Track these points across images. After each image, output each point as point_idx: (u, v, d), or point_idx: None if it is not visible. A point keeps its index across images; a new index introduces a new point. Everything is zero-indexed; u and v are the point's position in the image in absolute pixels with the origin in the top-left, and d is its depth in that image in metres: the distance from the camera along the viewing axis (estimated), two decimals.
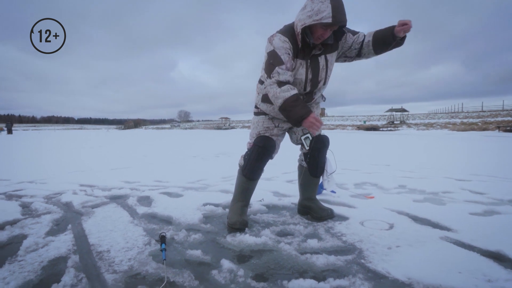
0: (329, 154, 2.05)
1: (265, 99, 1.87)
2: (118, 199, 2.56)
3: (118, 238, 1.67)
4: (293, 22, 1.71)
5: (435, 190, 2.83)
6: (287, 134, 2.06)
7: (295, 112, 1.61)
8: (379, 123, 35.77)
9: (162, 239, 1.55)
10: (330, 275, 1.28)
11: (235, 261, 1.41)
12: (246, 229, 1.80)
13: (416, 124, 30.36)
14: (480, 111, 40.17)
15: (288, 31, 1.71)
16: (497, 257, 1.41)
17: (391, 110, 37.46)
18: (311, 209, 2.04)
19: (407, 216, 2.03)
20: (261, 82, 1.91)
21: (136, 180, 3.49)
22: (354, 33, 1.83)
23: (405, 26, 1.59)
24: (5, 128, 28.53)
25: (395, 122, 35.68)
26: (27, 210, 2.24)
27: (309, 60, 1.74)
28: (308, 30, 1.66)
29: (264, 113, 1.93)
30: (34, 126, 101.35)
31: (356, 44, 1.82)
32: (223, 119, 61.05)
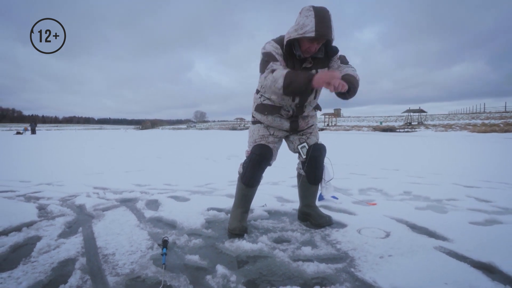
0: (326, 162, 2.10)
1: (258, 108, 1.96)
2: (128, 202, 2.69)
3: (124, 242, 1.77)
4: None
5: (440, 197, 2.82)
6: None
7: (300, 77, 1.57)
8: (396, 124, 35.12)
9: (164, 244, 1.64)
10: (318, 283, 1.33)
11: (230, 267, 1.48)
12: (245, 235, 1.87)
13: (434, 125, 29.62)
14: (503, 112, 38.75)
15: (280, 41, 1.79)
16: (488, 269, 1.42)
17: (409, 110, 36.75)
18: (310, 216, 2.09)
19: (405, 224, 2.05)
20: (257, 91, 1.99)
21: (147, 183, 3.62)
22: (346, 63, 1.85)
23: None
24: (29, 128, 29.67)
25: (412, 123, 34.94)
26: (43, 212, 2.39)
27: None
28: (296, 43, 1.73)
29: (259, 122, 2.00)
30: (57, 126, 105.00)
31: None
32: (238, 120, 61.41)
